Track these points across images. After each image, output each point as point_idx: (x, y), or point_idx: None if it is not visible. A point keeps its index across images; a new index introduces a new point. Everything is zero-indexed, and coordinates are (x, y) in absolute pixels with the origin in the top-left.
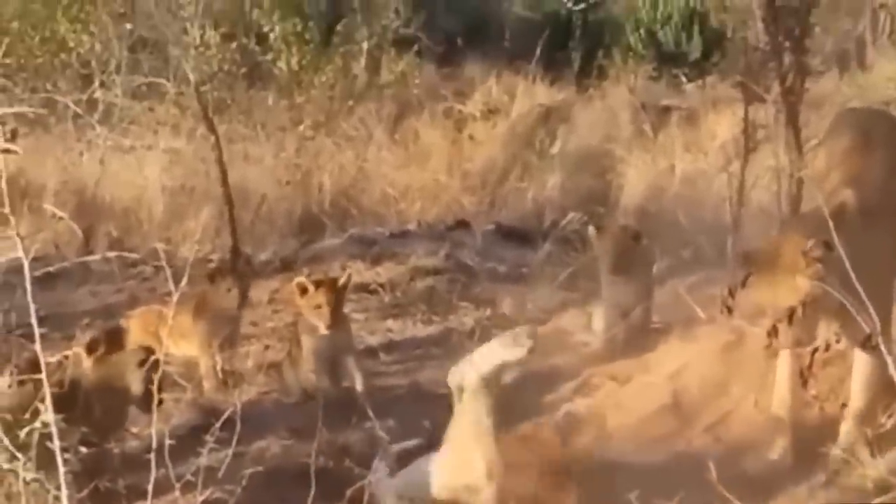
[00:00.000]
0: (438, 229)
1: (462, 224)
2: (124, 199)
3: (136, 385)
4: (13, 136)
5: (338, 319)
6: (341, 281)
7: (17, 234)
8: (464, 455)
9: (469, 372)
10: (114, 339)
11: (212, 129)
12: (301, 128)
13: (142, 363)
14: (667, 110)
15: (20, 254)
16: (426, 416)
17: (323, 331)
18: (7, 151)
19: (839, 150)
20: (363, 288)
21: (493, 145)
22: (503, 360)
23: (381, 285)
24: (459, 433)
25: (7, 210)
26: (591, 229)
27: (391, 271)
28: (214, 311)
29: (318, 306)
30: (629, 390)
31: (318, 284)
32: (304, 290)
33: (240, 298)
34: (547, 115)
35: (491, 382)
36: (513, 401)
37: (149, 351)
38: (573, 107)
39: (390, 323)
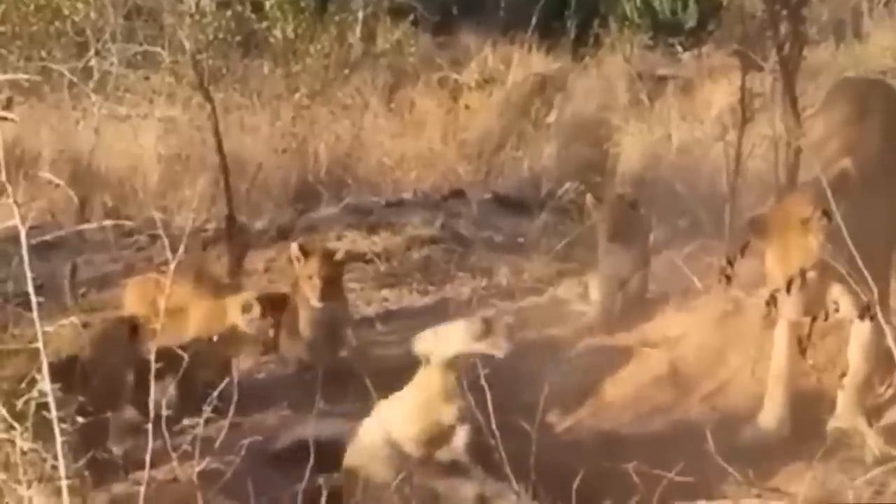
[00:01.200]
0: (434, 199)
1: (458, 193)
2: (120, 167)
3: (128, 355)
4: (9, 105)
5: (333, 293)
6: (337, 255)
7: (14, 202)
8: (432, 405)
9: (435, 349)
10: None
11: (207, 97)
12: (297, 96)
13: (132, 334)
14: (663, 79)
15: (17, 221)
16: None
17: (314, 303)
18: (3, 119)
19: (837, 120)
20: (359, 257)
21: (489, 115)
22: (472, 351)
23: (377, 255)
24: (427, 390)
25: (3, 178)
26: (588, 198)
27: (387, 241)
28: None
29: (310, 277)
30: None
31: (306, 254)
32: (297, 259)
33: (231, 266)
34: (543, 85)
35: (456, 362)
36: (509, 371)
37: (136, 320)
38: (569, 76)
39: (386, 293)
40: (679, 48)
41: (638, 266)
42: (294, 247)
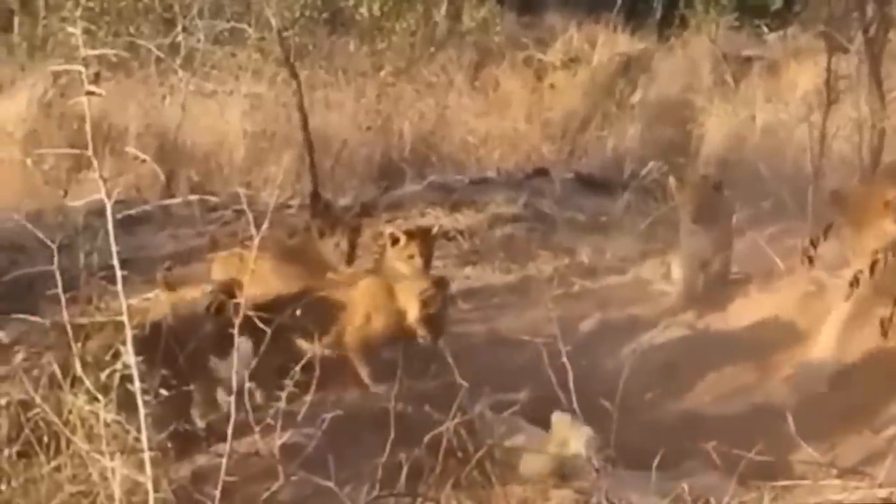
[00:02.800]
0: (517, 177)
1: (541, 172)
2: (205, 143)
3: (209, 328)
4: (96, 80)
5: (429, 269)
6: (433, 231)
7: (101, 176)
8: None
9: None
10: None
11: (293, 74)
12: (382, 74)
13: (211, 307)
14: (748, 60)
15: (103, 196)
16: (504, 363)
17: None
18: (91, 94)
19: None
20: (442, 235)
21: (574, 94)
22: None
23: (460, 232)
24: None
25: (90, 152)
26: (671, 179)
27: (470, 218)
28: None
29: (411, 256)
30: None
31: (410, 235)
32: (395, 240)
33: (349, 253)
34: (628, 65)
35: None
36: (591, 349)
37: (222, 295)
38: (654, 56)
39: (468, 270)
40: (765, 29)
41: (720, 247)
42: (394, 230)
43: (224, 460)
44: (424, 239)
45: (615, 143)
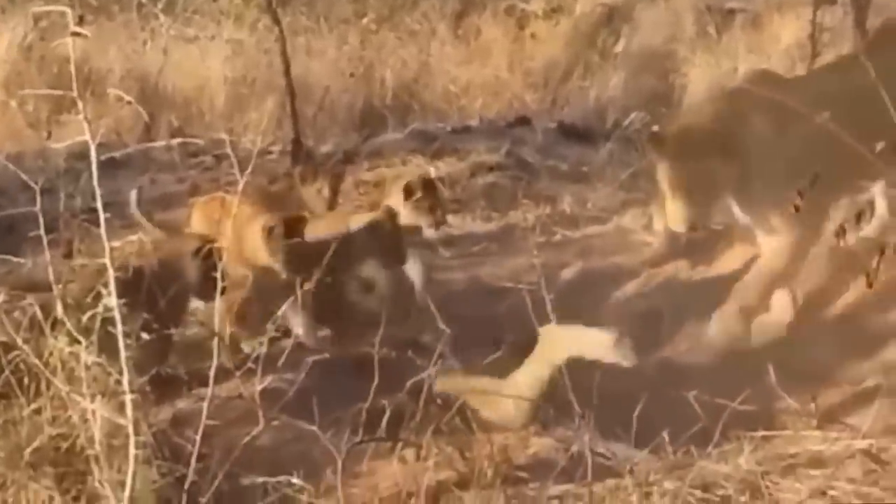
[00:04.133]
0: (499, 126)
1: (523, 121)
2: (186, 88)
3: (192, 273)
4: (80, 22)
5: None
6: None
7: (84, 118)
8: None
9: (562, 347)
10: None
11: (275, 20)
12: (364, 21)
13: (197, 252)
14: (731, 12)
15: (87, 137)
16: (486, 310)
17: (428, 229)
18: (77, 35)
19: None
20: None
21: (556, 44)
22: (596, 357)
23: (442, 180)
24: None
25: (75, 93)
26: (654, 129)
27: (452, 167)
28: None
29: (432, 208)
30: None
31: (425, 186)
32: (410, 193)
33: (331, 199)
34: (610, 15)
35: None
36: (573, 298)
37: (205, 239)
38: (637, 7)
39: (450, 218)
40: None
41: None
42: (410, 181)
43: (205, 404)
44: (434, 189)
45: (598, 93)
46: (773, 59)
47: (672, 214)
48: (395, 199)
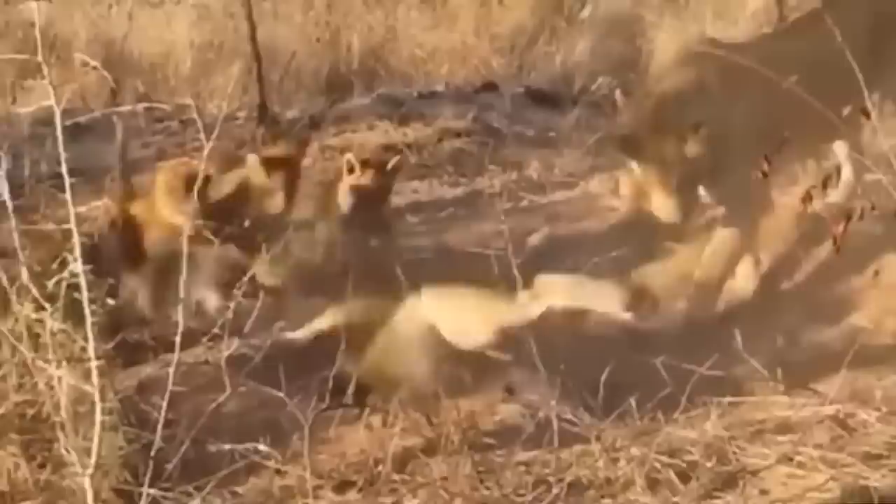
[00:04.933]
0: (466, 91)
1: (490, 86)
2: (152, 54)
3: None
4: None
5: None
6: (390, 164)
7: (50, 82)
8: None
9: (555, 294)
10: None
11: None
12: None
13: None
14: None
15: (52, 102)
16: (453, 275)
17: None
18: None
19: None
20: (390, 148)
21: (522, 9)
22: (593, 308)
23: (408, 146)
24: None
25: (39, 58)
26: (617, 93)
27: (418, 132)
28: None
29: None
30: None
31: (364, 164)
32: (350, 170)
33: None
34: None
35: None
36: (539, 262)
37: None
38: None
39: (416, 184)
40: None
41: None
42: (350, 157)
43: (171, 370)
44: (380, 171)
45: (564, 58)
46: (741, 23)
47: (663, 210)
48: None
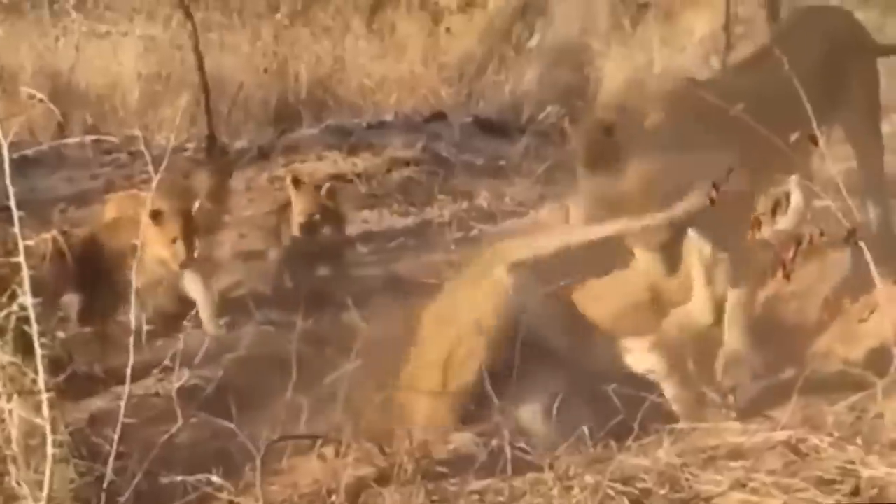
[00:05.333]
0: (415, 121)
1: (439, 116)
2: (100, 85)
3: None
4: None
5: (314, 226)
6: (323, 190)
7: None
8: None
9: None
10: None
11: (188, 15)
12: (277, 16)
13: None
14: (644, 5)
15: None
16: (403, 306)
17: (294, 232)
18: None
19: None
20: (339, 178)
21: (471, 38)
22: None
23: (358, 175)
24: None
25: None
26: (566, 122)
27: (368, 162)
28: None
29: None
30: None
31: (297, 184)
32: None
33: (216, 188)
34: (524, 9)
35: None
36: None
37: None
38: (551, 0)
39: (366, 213)
40: None
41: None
42: (289, 178)
43: (122, 402)
44: (310, 197)
45: (513, 87)
46: (688, 50)
47: (651, 268)
48: None
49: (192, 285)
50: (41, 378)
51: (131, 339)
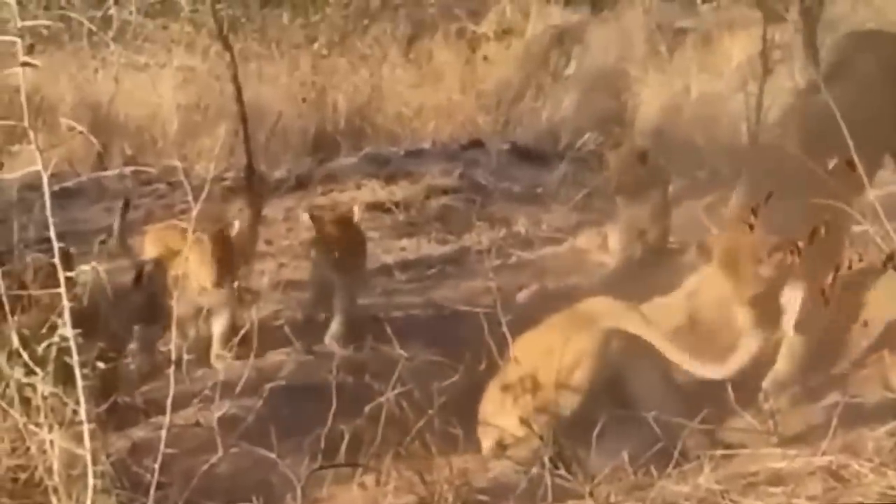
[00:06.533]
0: (453, 148)
1: (477, 143)
2: (138, 116)
3: (136, 299)
4: (30, 51)
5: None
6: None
7: (37, 147)
8: None
9: None
10: None
11: (227, 46)
12: (315, 46)
13: (137, 279)
14: (682, 31)
15: (39, 167)
16: (441, 334)
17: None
18: (27, 65)
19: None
20: (377, 206)
21: (508, 66)
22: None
23: (396, 204)
24: None
25: (26, 124)
26: (607, 151)
27: (406, 190)
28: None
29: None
30: (645, 310)
31: (315, 220)
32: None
33: (251, 217)
34: (561, 36)
35: None
36: (529, 319)
37: (141, 265)
38: (587, 28)
39: (405, 241)
40: (697, 0)
41: (656, 217)
42: (304, 217)
43: (163, 432)
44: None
45: (550, 114)
46: (725, 76)
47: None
48: None
49: (217, 316)
50: (83, 408)
51: (171, 370)
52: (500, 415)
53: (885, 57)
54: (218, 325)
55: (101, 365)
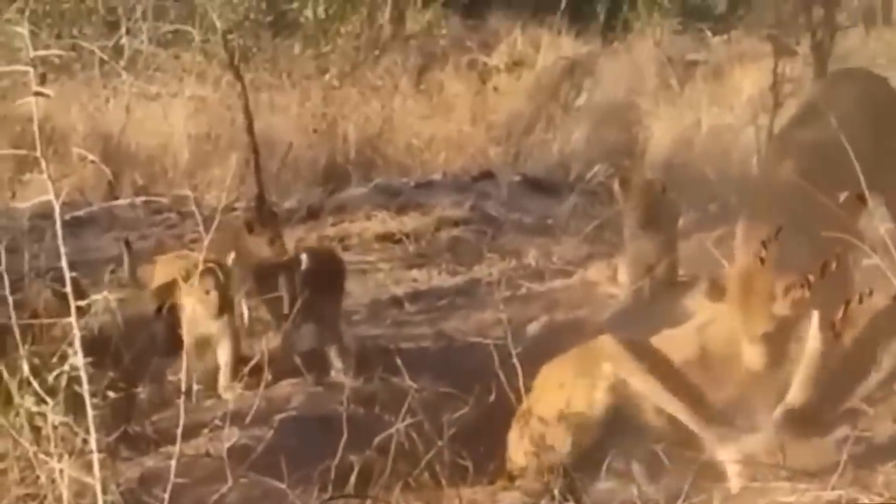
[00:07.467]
0: (463, 180)
1: (487, 175)
2: (149, 146)
3: (155, 330)
4: (42, 81)
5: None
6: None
7: (48, 177)
8: None
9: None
10: None
11: (238, 76)
12: (327, 77)
13: (159, 310)
14: (692, 64)
15: (50, 196)
16: (451, 366)
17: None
18: (39, 94)
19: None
20: (388, 238)
21: (518, 98)
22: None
23: (406, 235)
24: None
25: (38, 153)
26: (616, 183)
27: (416, 221)
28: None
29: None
30: (655, 343)
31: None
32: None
33: (275, 248)
34: (572, 68)
35: None
36: (539, 351)
37: (166, 296)
38: (598, 60)
39: (415, 273)
40: (708, 33)
41: (665, 250)
42: (304, 257)
43: (173, 462)
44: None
45: (561, 146)
46: (736, 109)
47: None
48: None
49: (220, 347)
50: (92, 438)
51: (181, 399)
52: (511, 446)
53: (865, 95)
54: (222, 355)
55: (111, 394)
